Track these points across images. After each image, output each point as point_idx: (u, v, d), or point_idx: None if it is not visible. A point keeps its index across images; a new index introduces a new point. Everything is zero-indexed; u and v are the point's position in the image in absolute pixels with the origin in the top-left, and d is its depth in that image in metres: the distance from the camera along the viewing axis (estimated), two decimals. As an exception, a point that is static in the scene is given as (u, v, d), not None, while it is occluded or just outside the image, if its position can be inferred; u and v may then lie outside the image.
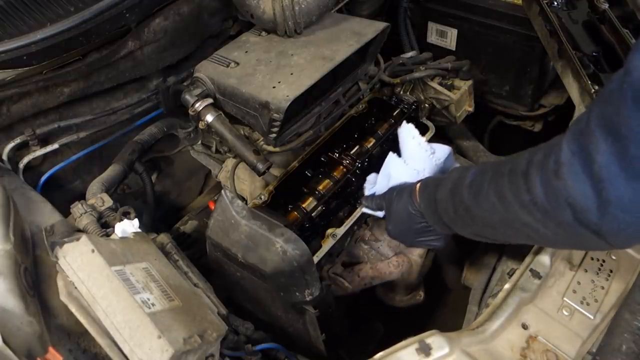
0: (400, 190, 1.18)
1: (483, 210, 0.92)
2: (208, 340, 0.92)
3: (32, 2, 1.30)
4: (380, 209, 1.25)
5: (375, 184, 1.28)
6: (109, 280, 0.91)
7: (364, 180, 1.46)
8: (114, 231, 1.08)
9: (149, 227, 1.41)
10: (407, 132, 1.26)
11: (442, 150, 1.25)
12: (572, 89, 1.39)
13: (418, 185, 1.14)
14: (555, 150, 0.76)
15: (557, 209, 0.76)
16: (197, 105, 1.37)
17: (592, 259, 1.12)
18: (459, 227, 1.03)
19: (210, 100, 1.38)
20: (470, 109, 1.69)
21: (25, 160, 1.35)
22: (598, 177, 0.69)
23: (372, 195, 1.28)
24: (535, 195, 0.79)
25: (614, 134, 0.68)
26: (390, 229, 1.21)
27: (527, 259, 1.15)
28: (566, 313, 1.04)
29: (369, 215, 1.48)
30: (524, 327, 1.03)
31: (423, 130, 1.57)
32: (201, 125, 1.37)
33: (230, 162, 1.48)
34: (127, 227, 1.08)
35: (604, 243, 0.75)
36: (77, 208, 1.12)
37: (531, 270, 1.11)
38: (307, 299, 1.14)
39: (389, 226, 1.21)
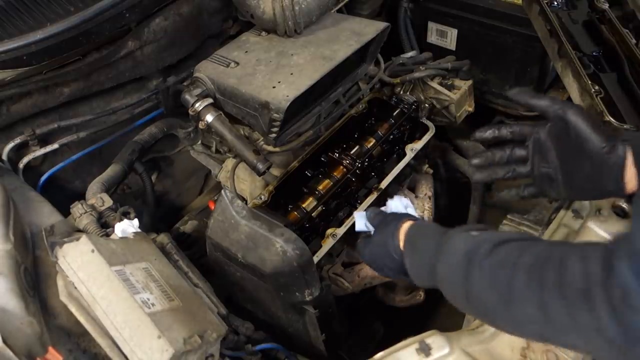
0: (385, 220, 1.06)
1: (514, 319, 0.76)
2: (208, 340, 0.92)
3: (32, 2, 1.30)
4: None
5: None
6: (109, 280, 0.91)
7: (364, 180, 1.46)
8: (114, 231, 1.08)
9: (149, 227, 1.41)
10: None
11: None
12: (572, 89, 1.39)
13: (402, 232, 1.00)
14: (613, 269, 0.63)
15: (635, 344, 0.63)
16: (197, 105, 1.37)
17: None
18: (471, 313, 0.92)
19: (210, 100, 1.38)
20: (470, 109, 1.69)
21: (25, 160, 1.35)
22: None
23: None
24: (605, 326, 0.63)
25: None
26: (365, 257, 1.10)
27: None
28: (566, 313, 1.04)
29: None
30: (524, 327, 1.03)
31: (423, 131, 1.57)
32: (201, 125, 1.37)
33: (230, 162, 1.48)
34: (127, 227, 1.08)
35: None
36: (77, 208, 1.12)
37: (531, 270, 1.10)
38: (307, 299, 1.14)
39: (364, 252, 1.09)
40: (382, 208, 1.14)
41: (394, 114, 1.57)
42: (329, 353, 1.32)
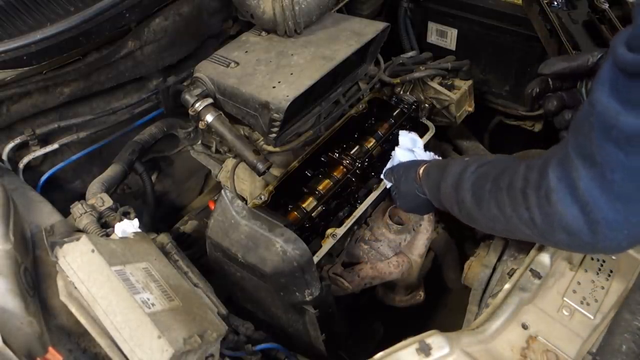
0: (406, 170, 1.30)
1: (485, 218, 0.98)
2: (208, 340, 0.92)
3: (32, 2, 1.30)
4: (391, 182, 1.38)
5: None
6: (109, 280, 0.91)
7: (364, 180, 1.46)
8: (114, 231, 1.08)
9: (149, 227, 1.41)
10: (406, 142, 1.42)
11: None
12: (572, 89, 1.39)
13: (421, 170, 1.24)
14: (545, 175, 0.81)
15: (553, 231, 0.82)
16: (197, 105, 1.37)
17: (592, 259, 1.12)
18: (464, 221, 1.09)
19: (210, 100, 1.38)
20: (470, 109, 1.69)
21: (25, 160, 1.35)
22: (583, 201, 0.75)
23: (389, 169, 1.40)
24: (534, 215, 0.84)
25: (590, 161, 0.73)
26: (401, 205, 1.35)
27: (527, 259, 1.15)
28: (566, 313, 1.04)
29: (369, 215, 1.49)
30: (524, 327, 1.03)
31: (423, 131, 1.57)
32: (201, 125, 1.37)
33: (230, 162, 1.48)
34: (127, 227, 1.08)
35: (601, 254, 0.83)
36: (77, 208, 1.12)
37: (531, 270, 1.11)
38: (307, 299, 1.14)
39: (399, 202, 1.35)
40: (394, 153, 1.39)
41: (394, 114, 1.57)
42: (329, 353, 1.32)
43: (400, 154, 1.38)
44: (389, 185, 1.39)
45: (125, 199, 1.57)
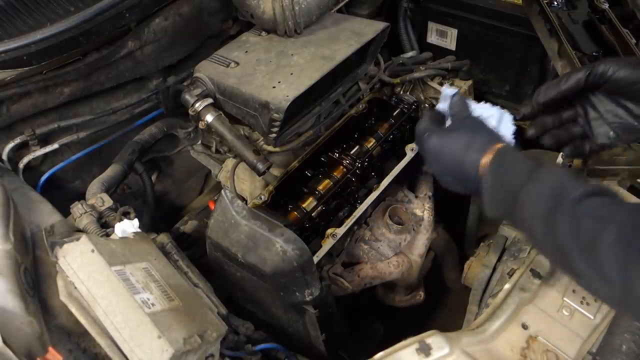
0: (474, 127, 0.97)
1: (591, 274, 0.75)
2: (208, 340, 0.92)
3: (32, 2, 1.30)
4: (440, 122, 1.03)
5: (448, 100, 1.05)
6: (109, 280, 0.91)
7: (364, 180, 1.46)
8: (114, 231, 1.08)
9: (149, 227, 1.41)
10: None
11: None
12: (572, 89, 1.38)
13: (491, 155, 0.90)
14: None
15: None
16: (197, 105, 1.37)
17: (592, 259, 1.12)
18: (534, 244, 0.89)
19: (210, 100, 1.38)
20: (470, 109, 1.68)
21: (25, 160, 1.35)
22: None
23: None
24: None
25: None
26: (435, 170, 1.01)
27: (527, 259, 1.15)
28: (566, 313, 1.04)
29: (369, 215, 1.49)
30: (524, 327, 1.03)
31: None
32: (201, 125, 1.37)
33: (230, 162, 1.48)
34: (127, 227, 1.08)
35: None
36: (77, 208, 1.12)
37: (531, 270, 1.11)
38: (307, 299, 1.14)
39: (434, 166, 1.00)
40: (444, 106, 1.04)
41: (394, 114, 1.57)
42: (329, 353, 1.32)
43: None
44: (441, 106, 1.03)
45: (125, 199, 1.57)
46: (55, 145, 1.38)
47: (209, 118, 1.36)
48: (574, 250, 0.75)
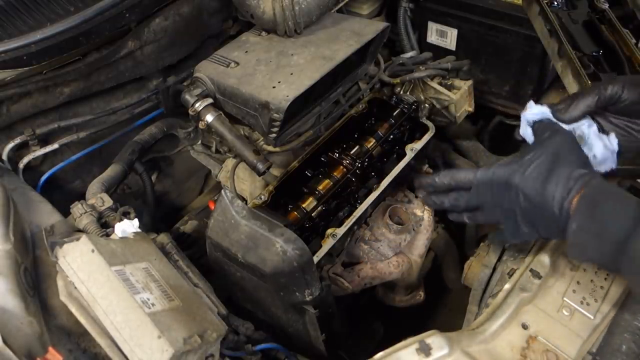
0: (562, 159, 0.83)
1: None
2: (208, 340, 0.92)
3: (32, 2, 1.30)
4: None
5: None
6: (109, 280, 0.91)
7: (364, 180, 1.46)
8: (114, 231, 1.08)
9: (149, 227, 1.41)
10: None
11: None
12: (572, 89, 1.38)
13: (575, 200, 0.80)
14: None
15: None
16: (197, 105, 1.37)
17: (592, 259, 1.12)
18: None
19: (210, 100, 1.38)
20: (470, 109, 1.69)
21: (25, 160, 1.35)
22: None
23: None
24: None
25: None
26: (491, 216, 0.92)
27: (527, 259, 1.15)
28: (566, 313, 1.04)
29: (369, 215, 1.49)
30: (524, 327, 1.03)
31: (423, 130, 1.57)
32: (201, 125, 1.37)
33: (230, 162, 1.48)
34: (127, 227, 1.08)
35: None
36: (77, 208, 1.12)
37: (531, 270, 1.11)
38: (307, 299, 1.14)
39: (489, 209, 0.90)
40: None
41: (394, 114, 1.57)
42: (329, 353, 1.32)
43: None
44: (522, 130, 0.92)
45: (125, 199, 1.57)
46: (55, 145, 1.38)
47: (209, 118, 1.36)
48: None
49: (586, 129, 0.93)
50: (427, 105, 1.62)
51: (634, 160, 1.07)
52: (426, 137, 1.54)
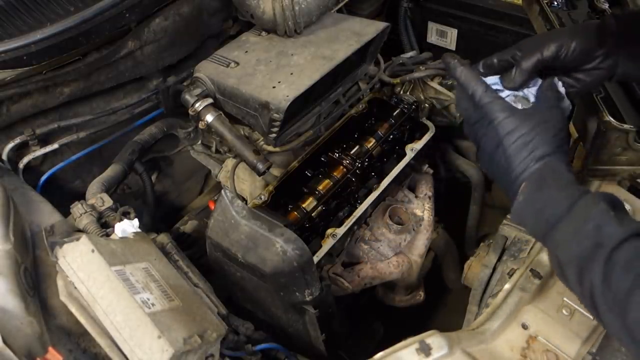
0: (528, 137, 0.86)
1: (625, 337, 0.71)
2: (208, 340, 0.92)
3: (32, 2, 1.30)
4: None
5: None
6: (109, 280, 0.91)
7: (364, 180, 1.46)
8: (114, 231, 1.08)
9: (149, 227, 1.41)
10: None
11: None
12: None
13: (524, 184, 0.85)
14: None
15: None
16: (197, 105, 1.37)
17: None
18: (569, 286, 0.83)
19: (210, 100, 1.38)
20: (470, 109, 1.68)
21: (25, 160, 1.35)
22: None
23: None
24: None
25: None
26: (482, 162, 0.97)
27: (527, 259, 1.15)
28: (566, 313, 1.04)
29: (369, 215, 1.49)
30: (524, 327, 1.03)
31: (423, 130, 1.57)
32: (201, 125, 1.37)
33: (230, 162, 1.48)
34: (127, 227, 1.08)
35: None
36: (77, 208, 1.12)
37: (531, 270, 1.11)
38: (307, 299, 1.14)
39: (481, 157, 0.95)
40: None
41: (394, 114, 1.57)
42: (329, 353, 1.32)
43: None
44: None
45: (125, 199, 1.57)
46: (55, 145, 1.38)
47: (209, 118, 1.36)
48: (602, 305, 0.72)
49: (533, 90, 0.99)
50: (427, 105, 1.62)
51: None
52: (426, 137, 1.54)
